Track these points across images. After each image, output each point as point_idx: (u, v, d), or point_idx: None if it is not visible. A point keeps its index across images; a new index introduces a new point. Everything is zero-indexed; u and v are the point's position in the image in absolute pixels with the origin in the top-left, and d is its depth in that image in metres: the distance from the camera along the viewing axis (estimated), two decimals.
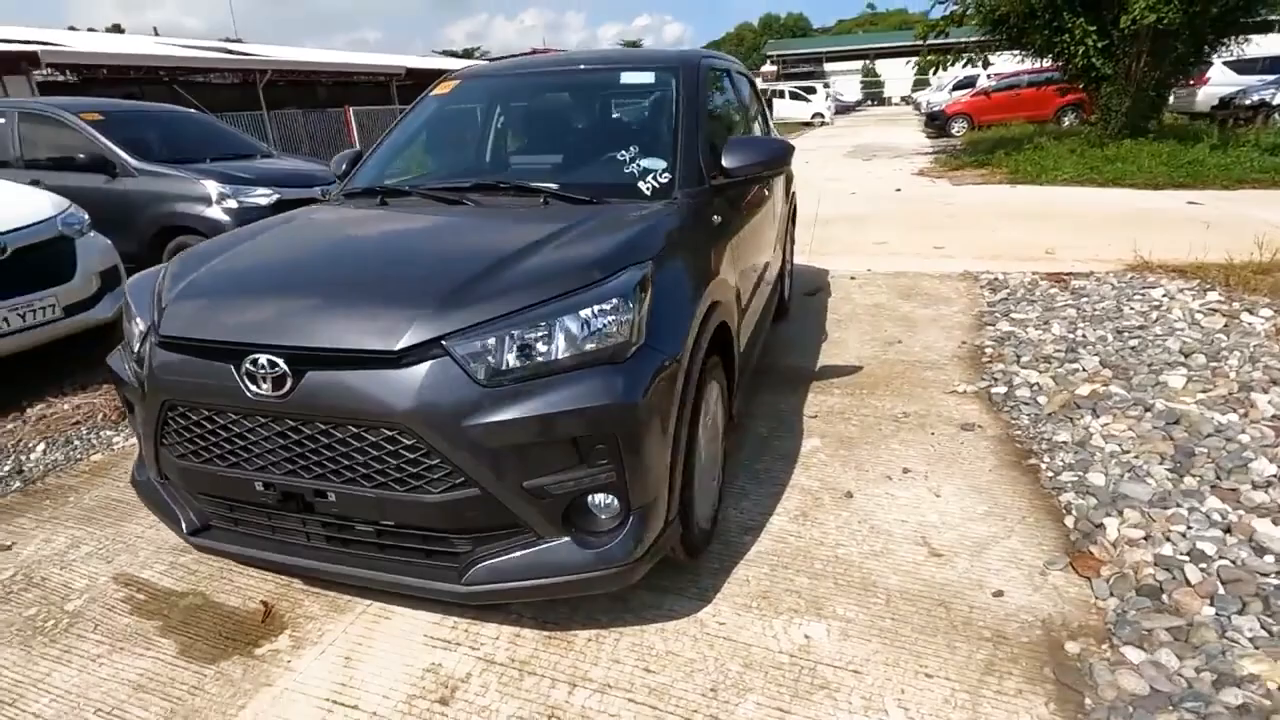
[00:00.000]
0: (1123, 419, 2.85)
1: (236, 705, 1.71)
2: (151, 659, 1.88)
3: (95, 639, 1.98)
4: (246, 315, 1.60)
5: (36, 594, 2.19)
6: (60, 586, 2.22)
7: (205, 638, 1.96)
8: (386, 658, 1.83)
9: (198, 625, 2.01)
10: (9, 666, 1.88)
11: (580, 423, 1.48)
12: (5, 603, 2.16)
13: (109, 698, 1.76)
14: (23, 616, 2.09)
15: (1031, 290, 4.75)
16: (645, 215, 1.98)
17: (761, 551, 2.20)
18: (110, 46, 16.07)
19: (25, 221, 3.73)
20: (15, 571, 2.31)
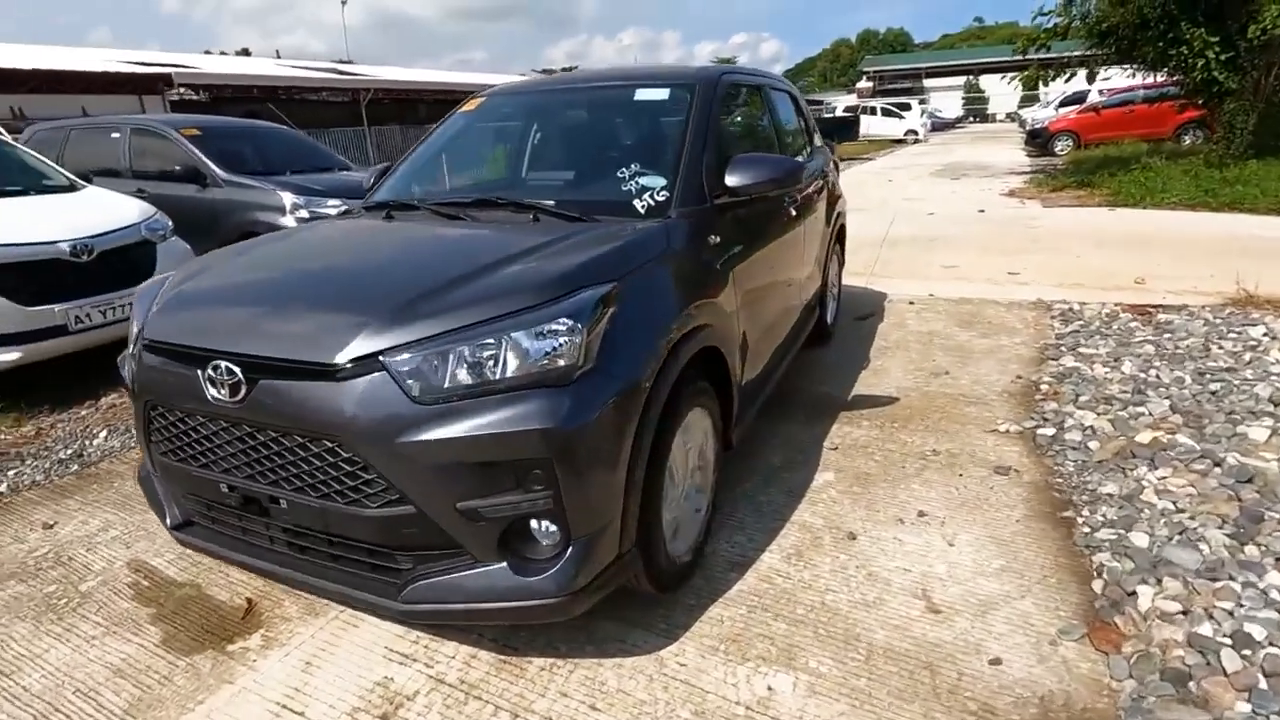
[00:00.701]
0: (1184, 473, 2.53)
1: (196, 700, 1.76)
2: (136, 645, 1.98)
3: (95, 620, 2.09)
4: (213, 323, 1.66)
5: (60, 573, 2.35)
6: (81, 567, 2.37)
7: (188, 629, 2.03)
8: (344, 666, 1.85)
9: (185, 615, 2.09)
10: (17, 640, 2.02)
11: (514, 446, 1.44)
12: (34, 578, 2.33)
13: (90, 679, 1.85)
14: (43, 593, 2.25)
15: (1108, 323, 4.34)
16: (625, 234, 1.92)
17: (744, 590, 2.08)
18: (234, 68, 17.61)
19: (112, 226, 4.09)
20: (49, 550, 2.49)
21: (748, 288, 2.43)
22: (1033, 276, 5.64)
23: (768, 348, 2.75)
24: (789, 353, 3.12)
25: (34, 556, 2.45)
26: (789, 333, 3.11)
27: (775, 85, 3.38)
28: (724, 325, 2.19)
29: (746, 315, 2.40)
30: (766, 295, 2.67)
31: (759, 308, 2.58)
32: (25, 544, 2.54)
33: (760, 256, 2.57)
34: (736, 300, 2.28)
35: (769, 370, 2.80)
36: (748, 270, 2.43)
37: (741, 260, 2.37)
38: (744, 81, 2.93)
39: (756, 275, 2.53)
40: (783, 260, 2.86)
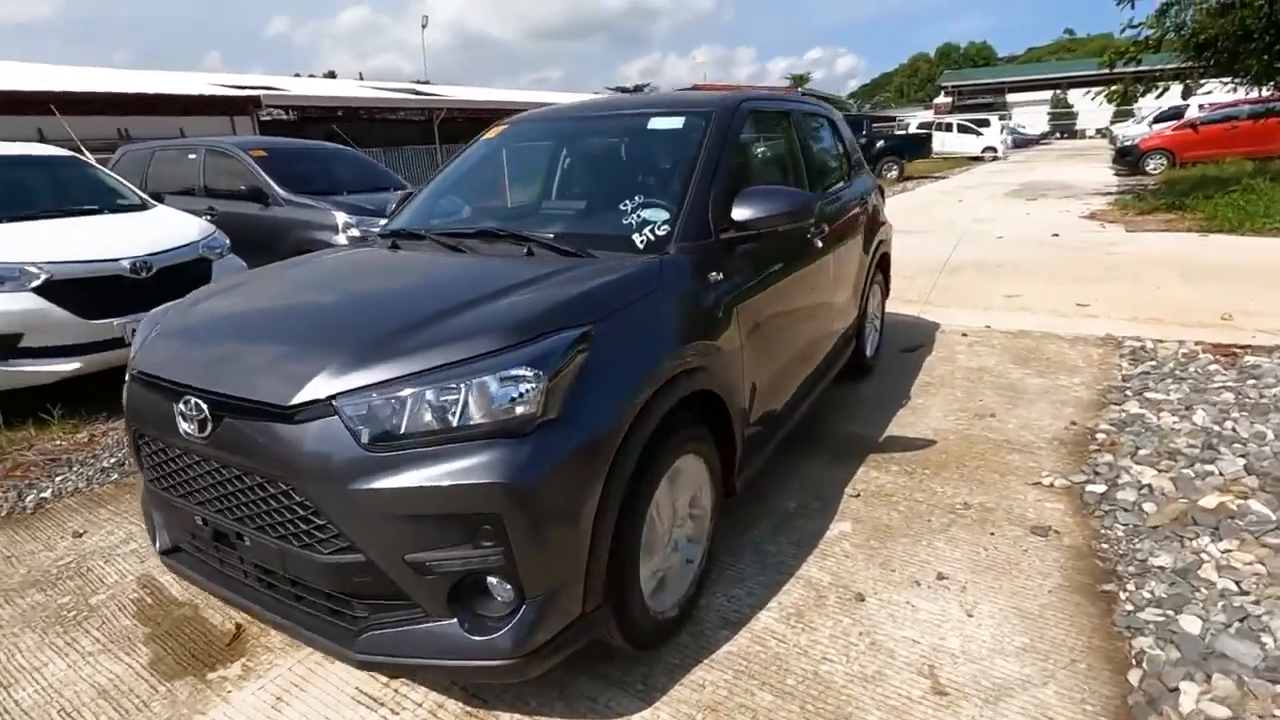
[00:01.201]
0: (1254, 547, 2.23)
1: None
2: (125, 666, 2.01)
3: (95, 636, 2.15)
4: (189, 357, 1.67)
5: (77, 584, 2.44)
6: (96, 579, 2.46)
7: (177, 652, 2.06)
8: (312, 706, 1.82)
9: (177, 638, 2.12)
10: (22, 651, 2.09)
11: (462, 500, 1.38)
12: (52, 588, 2.42)
13: (75, 698, 1.89)
14: (56, 604, 2.33)
15: (1185, 364, 3.95)
16: (613, 272, 1.85)
17: (733, 652, 1.95)
18: (318, 90, 18.60)
19: (171, 245, 4.31)
20: (73, 559, 2.60)
21: (758, 325, 2.30)
22: (1104, 309, 5.23)
23: (785, 386, 2.61)
24: (814, 389, 2.96)
25: (58, 565, 2.56)
26: (814, 369, 2.95)
27: (808, 111, 3.25)
28: (724, 367, 2.07)
29: (755, 354, 2.27)
30: (783, 331, 2.54)
31: (772, 345, 2.44)
32: (54, 552, 2.65)
33: (775, 292, 2.44)
34: (741, 340, 2.16)
35: (787, 409, 2.66)
36: (759, 307, 2.31)
37: (751, 297, 2.24)
38: (768, 109, 2.82)
39: (770, 312, 2.40)
40: (805, 294, 2.71)
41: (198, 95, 13.43)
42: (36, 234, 4.03)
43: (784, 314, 2.53)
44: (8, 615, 2.27)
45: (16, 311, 3.65)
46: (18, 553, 2.66)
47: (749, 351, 2.22)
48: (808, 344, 2.81)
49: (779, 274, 2.47)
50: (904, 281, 6.48)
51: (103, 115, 12.86)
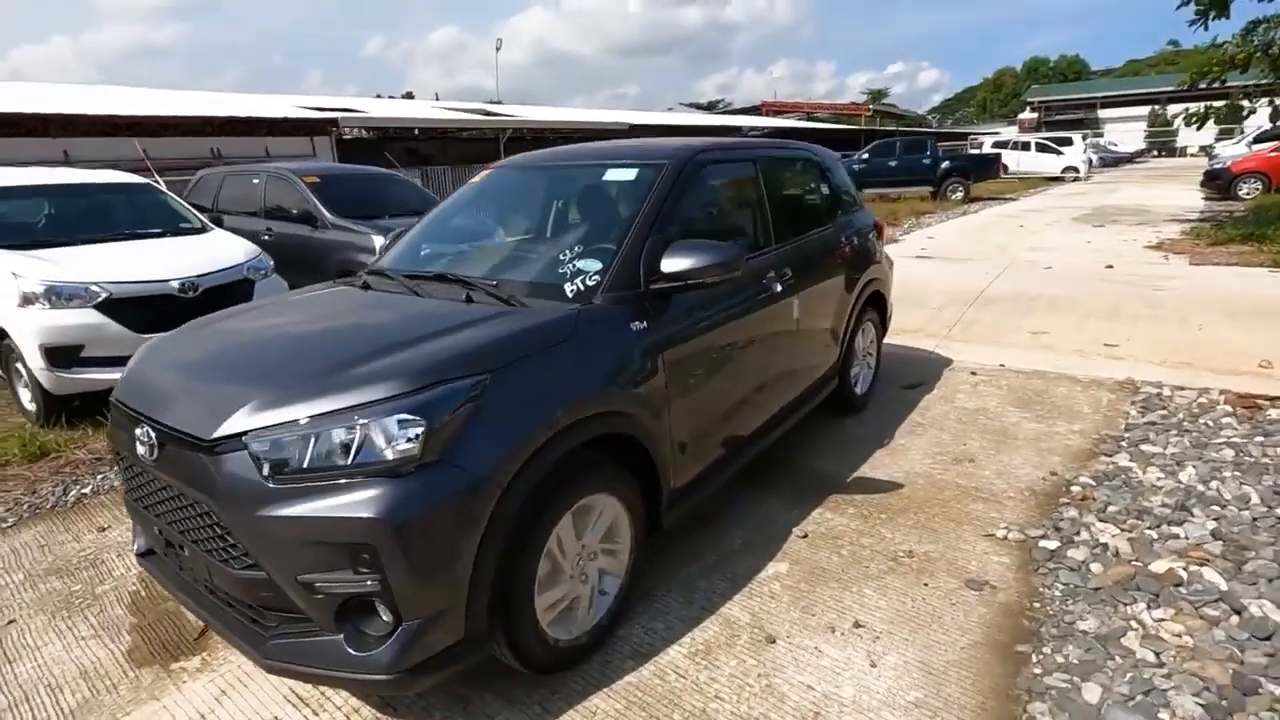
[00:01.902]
0: (1189, 617, 2.17)
1: (124, 711, 2.02)
2: (108, 651, 2.30)
3: (92, 622, 2.45)
4: (149, 388, 1.94)
5: (90, 574, 2.77)
6: (106, 571, 2.79)
7: (153, 642, 2.33)
8: (248, 701, 2.04)
9: (156, 629, 2.40)
10: (31, 630, 2.42)
11: (343, 530, 1.56)
12: (70, 576, 2.77)
13: (61, 676, 2.18)
14: (69, 591, 2.66)
15: (1197, 416, 3.77)
16: (527, 321, 2.01)
17: (632, 684, 2.05)
18: (392, 111, 19.67)
19: (219, 266, 4.75)
20: (93, 551, 2.95)
21: (693, 371, 2.41)
22: (1133, 350, 5.02)
23: (730, 428, 2.69)
24: (774, 430, 3.02)
25: (80, 556, 2.91)
26: (774, 411, 3.01)
27: (782, 156, 3.32)
28: (646, 413, 2.19)
29: (688, 399, 2.38)
30: (727, 376, 2.62)
31: (712, 390, 2.54)
32: (80, 543, 3.01)
33: (716, 338, 2.54)
34: (668, 386, 2.28)
35: (735, 451, 2.74)
36: (693, 354, 2.42)
37: (682, 344, 2.36)
38: (728, 158, 2.92)
39: (709, 358, 2.51)
40: (757, 338, 2.79)
41: (281, 118, 14.50)
42: (103, 256, 4.54)
43: (728, 359, 2.62)
44: (29, 598, 2.62)
45: (80, 325, 4.13)
46: (50, 542, 3.03)
47: (678, 397, 2.33)
48: (762, 387, 2.88)
49: (721, 321, 2.56)
50: (929, 313, 6.38)
51: (198, 136, 14.04)
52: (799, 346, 3.15)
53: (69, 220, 5.01)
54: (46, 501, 3.41)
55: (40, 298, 4.11)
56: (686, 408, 2.38)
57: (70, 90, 16.90)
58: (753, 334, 2.77)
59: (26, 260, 4.32)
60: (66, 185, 5.19)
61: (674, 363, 2.31)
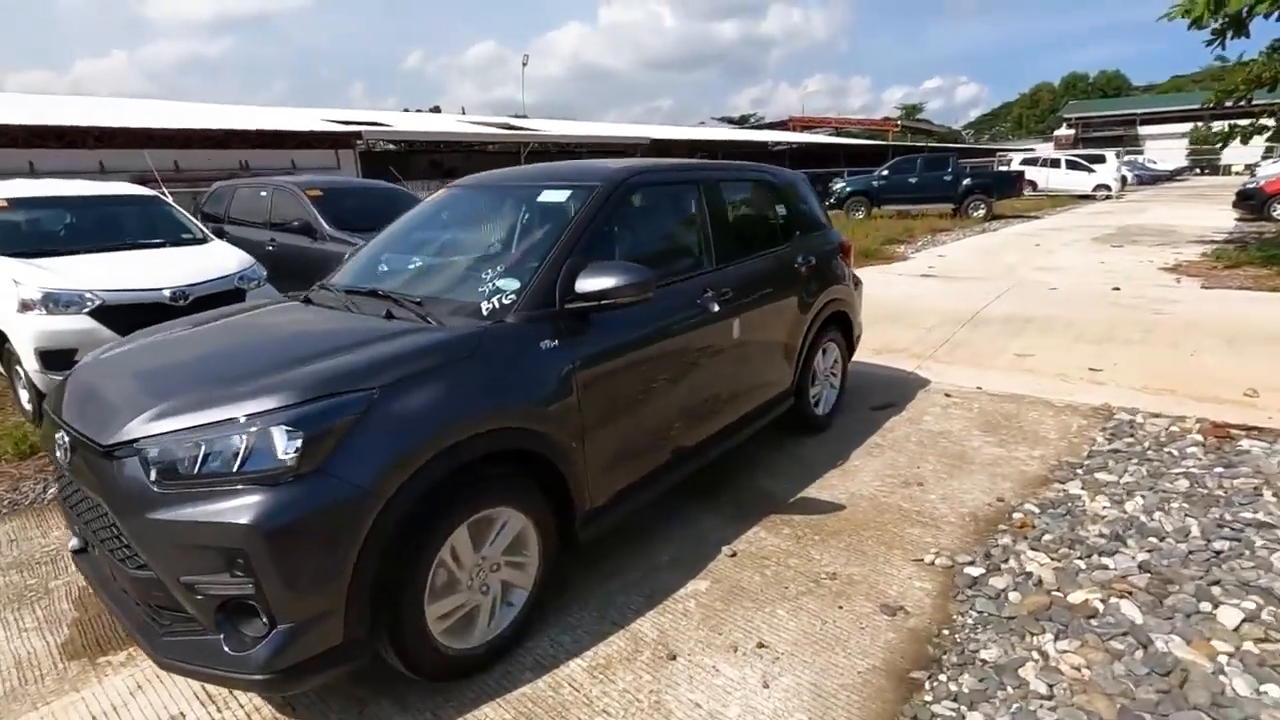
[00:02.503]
0: (1093, 650, 2.14)
1: (45, 700, 2.13)
2: (44, 643, 2.41)
3: (38, 615, 2.58)
4: (70, 397, 2.06)
5: (48, 569, 2.91)
6: (64, 567, 2.91)
7: (87, 637, 2.44)
8: (159, 696, 2.13)
9: (94, 625, 2.51)
10: None
11: (218, 535, 1.64)
12: (29, 570, 2.90)
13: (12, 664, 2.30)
14: (25, 584, 2.80)
15: (1164, 444, 3.70)
16: (428, 338, 2.09)
17: (526, 695, 2.10)
18: (415, 125, 20.15)
19: (211, 276, 4.93)
20: (56, 548, 3.08)
21: (613, 391, 2.46)
22: (1117, 375, 4.92)
23: (655, 448, 2.72)
24: (709, 449, 3.04)
25: (43, 551, 3.05)
26: (713, 429, 3.04)
27: (728, 178, 3.36)
28: (556, 429, 2.25)
29: (606, 418, 2.42)
30: (653, 397, 2.66)
31: (635, 410, 2.58)
32: (46, 540, 3.16)
33: (642, 358, 2.58)
34: (583, 405, 2.32)
35: (661, 471, 2.76)
36: (614, 374, 2.47)
37: (601, 364, 2.41)
38: (666, 180, 2.98)
39: (631, 378, 2.55)
40: (690, 358, 2.83)
41: (308, 131, 14.98)
42: (101, 264, 4.76)
43: (653, 379, 2.65)
44: None
45: (73, 331, 4.33)
46: (20, 537, 3.19)
47: (594, 416, 2.37)
48: (696, 406, 2.91)
49: (646, 341, 2.61)
50: (918, 333, 6.33)
51: (229, 148, 14.57)
52: (742, 366, 3.18)
53: (74, 230, 5.27)
54: (25, 498, 3.58)
55: (38, 304, 4.33)
56: (603, 426, 2.43)
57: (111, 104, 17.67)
58: (684, 354, 2.81)
59: (28, 268, 4.55)
60: (74, 197, 5.45)
61: (589, 382, 2.36)
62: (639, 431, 2.62)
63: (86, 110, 14.93)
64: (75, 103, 17.19)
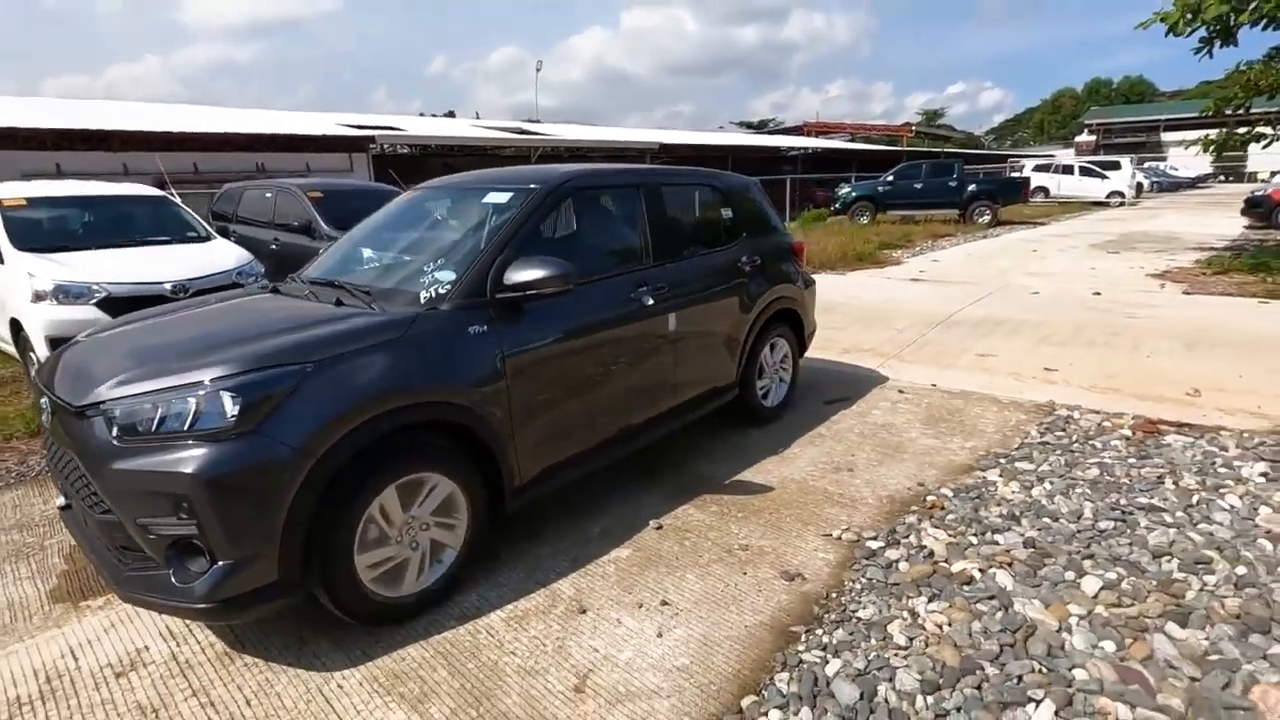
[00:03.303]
0: (959, 611, 2.36)
1: (30, 636, 2.44)
2: (35, 590, 2.73)
3: (33, 567, 2.90)
4: (59, 369, 2.37)
5: (45, 530, 3.23)
6: (59, 529, 3.24)
7: (72, 584, 2.75)
8: (128, 633, 2.43)
9: (79, 575, 2.82)
10: None
11: (166, 482, 1.93)
12: (29, 530, 3.23)
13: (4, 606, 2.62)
14: (24, 541, 3.12)
15: (1090, 438, 3.88)
16: (363, 320, 2.37)
17: (446, 639, 2.36)
18: (428, 130, 20.63)
19: (210, 271, 5.29)
20: (53, 513, 3.41)
21: (541, 374, 2.72)
22: (1071, 375, 5.09)
23: (585, 429, 2.96)
24: (642, 434, 3.27)
25: (42, 515, 3.38)
26: (648, 415, 3.27)
27: (669, 183, 3.61)
28: (484, 407, 2.51)
29: (534, 399, 2.68)
30: (583, 382, 2.91)
31: (564, 393, 2.83)
32: (45, 506, 3.49)
33: (573, 346, 2.84)
34: (511, 386, 2.59)
35: (591, 451, 3.00)
36: (544, 358, 2.72)
37: (530, 349, 2.67)
38: (605, 184, 3.24)
39: (560, 363, 2.80)
40: (623, 349, 3.08)
41: (321, 135, 15.46)
42: (109, 259, 5.13)
43: (583, 366, 2.91)
44: None
45: (80, 320, 4.67)
46: (24, 503, 3.53)
47: (521, 396, 2.64)
48: (628, 393, 3.15)
49: (578, 330, 2.86)
50: (890, 334, 6.52)
51: (247, 151, 15.08)
52: (679, 358, 3.42)
53: (88, 227, 5.65)
54: (31, 470, 3.92)
55: (50, 295, 4.70)
56: (531, 407, 2.69)
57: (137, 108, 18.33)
58: (617, 344, 3.06)
59: (43, 262, 4.93)
60: (89, 197, 5.85)
61: (519, 366, 2.62)
62: (568, 414, 2.88)
63: (112, 114, 15.55)
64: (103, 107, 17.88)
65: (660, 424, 3.39)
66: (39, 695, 2.14)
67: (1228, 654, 2.09)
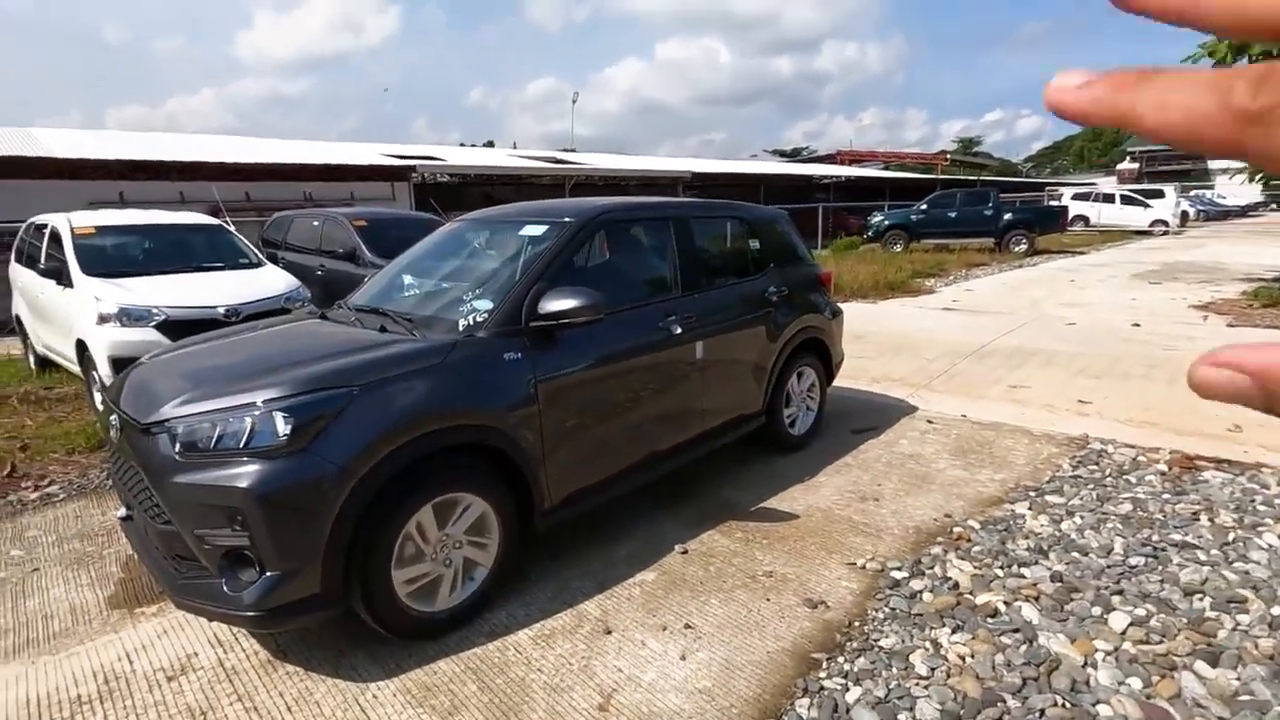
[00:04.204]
0: (982, 642, 2.37)
1: (89, 639, 2.59)
2: (95, 596, 2.89)
3: (92, 575, 3.06)
4: (127, 387, 2.55)
5: (104, 540, 3.41)
6: (117, 539, 3.41)
7: (129, 591, 2.91)
8: (179, 640, 2.57)
9: (136, 583, 2.98)
10: (47, 576, 3.05)
11: (222, 496, 2.07)
12: (89, 540, 3.42)
13: (56, 610, 2.78)
14: (84, 551, 3.30)
15: (1124, 472, 3.83)
16: (408, 346, 2.51)
17: (477, 654, 2.45)
18: (468, 159, 21.25)
19: (261, 296, 5.55)
20: (112, 524, 3.60)
21: (572, 399, 2.82)
22: (1105, 408, 5.02)
23: (614, 454, 3.05)
24: (669, 460, 3.35)
25: (101, 526, 3.58)
26: (670, 443, 3.34)
27: (698, 215, 3.72)
28: (516, 430, 2.62)
29: (565, 423, 2.78)
30: (613, 408, 3.01)
31: (594, 418, 2.93)
32: (104, 517, 3.69)
33: (603, 373, 2.94)
34: (543, 410, 2.70)
35: (619, 476, 3.08)
36: (575, 384, 2.83)
37: (562, 375, 2.78)
38: (637, 217, 3.37)
39: (591, 389, 2.91)
40: (651, 376, 3.18)
41: (366, 165, 16.06)
42: (168, 284, 5.43)
43: (613, 392, 3.01)
44: (54, 554, 3.28)
45: (140, 341, 4.95)
46: (85, 514, 3.73)
47: (553, 420, 2.74)
48: (656, 419, 3.24)
49: (608, 358, 2.97)
50: (920, 364, 6.50)
51: (294, 181, 15.73)
52: (706, 385, 3.50)
53: (149, 254, 5.99)
54: (91, 483, 4.15)
55: (114, 318, 4.99)
56: (562, 431, 2.79)
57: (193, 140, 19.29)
58: (645, 371, 3.16)
59: (108, 286, 5.24)
60: (151, 225, 6.20)
61: (551, 391, 2.74)
62: (598, 438, 2.98)
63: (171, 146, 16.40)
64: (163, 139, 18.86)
65: (687, 450, 3.46)
66: (98, 695, 2.28)
67: (1259, 695, 2.07)
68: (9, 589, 2.96)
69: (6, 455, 4.43)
